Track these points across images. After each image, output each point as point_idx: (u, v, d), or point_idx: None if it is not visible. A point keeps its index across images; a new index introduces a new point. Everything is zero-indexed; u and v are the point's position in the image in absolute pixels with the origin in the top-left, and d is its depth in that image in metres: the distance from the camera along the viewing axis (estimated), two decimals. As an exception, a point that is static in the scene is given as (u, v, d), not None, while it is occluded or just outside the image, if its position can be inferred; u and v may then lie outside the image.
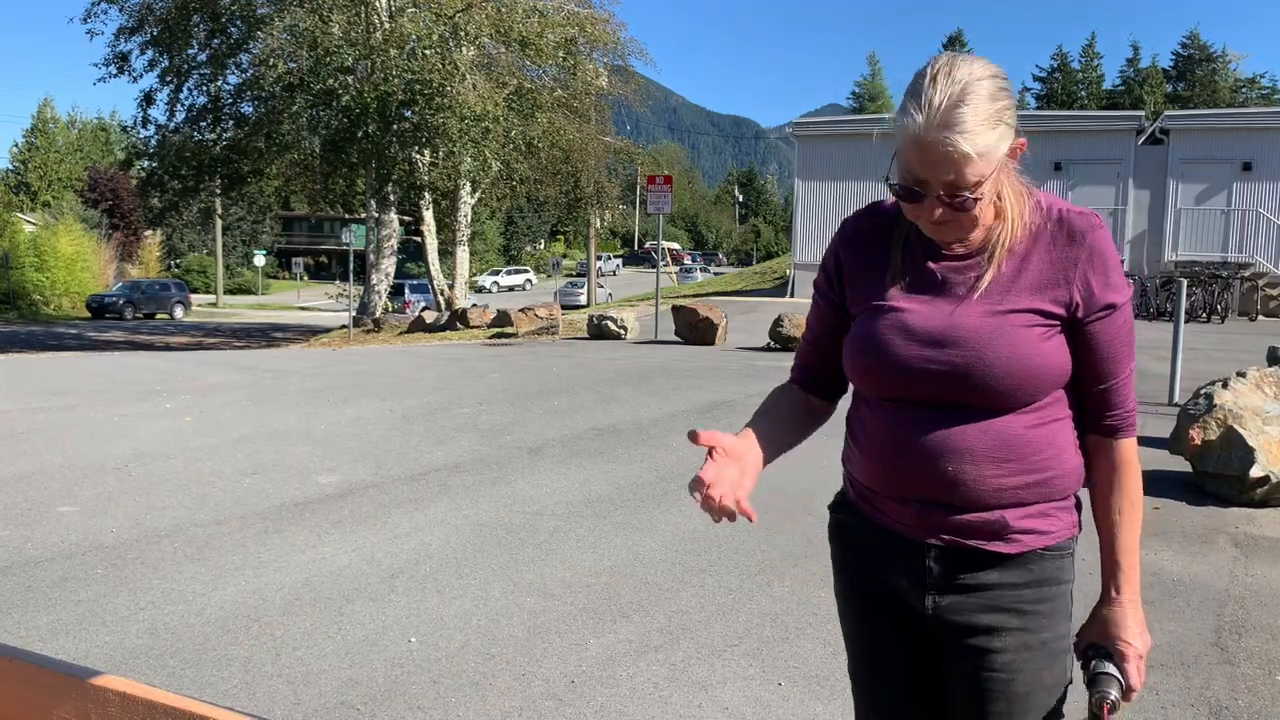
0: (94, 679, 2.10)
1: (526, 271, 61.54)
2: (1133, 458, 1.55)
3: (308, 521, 5.25)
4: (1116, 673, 1.50)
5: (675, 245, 77.76)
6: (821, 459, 6.93)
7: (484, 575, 4.46)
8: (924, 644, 1.61)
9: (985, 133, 1.40)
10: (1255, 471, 5.67)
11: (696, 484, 1.43)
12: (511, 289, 56.41)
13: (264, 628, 3.81)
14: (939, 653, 1.60)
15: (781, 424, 1.72)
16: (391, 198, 25.07)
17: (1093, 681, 1.50)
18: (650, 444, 7.44)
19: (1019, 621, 1.51)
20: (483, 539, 5.00)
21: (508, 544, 4.92)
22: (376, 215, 25.91)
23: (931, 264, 1.53)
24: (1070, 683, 1.56)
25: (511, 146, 23.38)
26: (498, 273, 59.77)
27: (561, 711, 3.17)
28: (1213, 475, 5.89)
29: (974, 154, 1.39)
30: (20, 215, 46.79)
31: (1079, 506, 1.57)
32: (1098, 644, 1.54)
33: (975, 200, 1.42)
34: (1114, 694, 1.47)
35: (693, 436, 1.45)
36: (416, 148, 23.01)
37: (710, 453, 1.47)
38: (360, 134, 21.98)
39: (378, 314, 25.23)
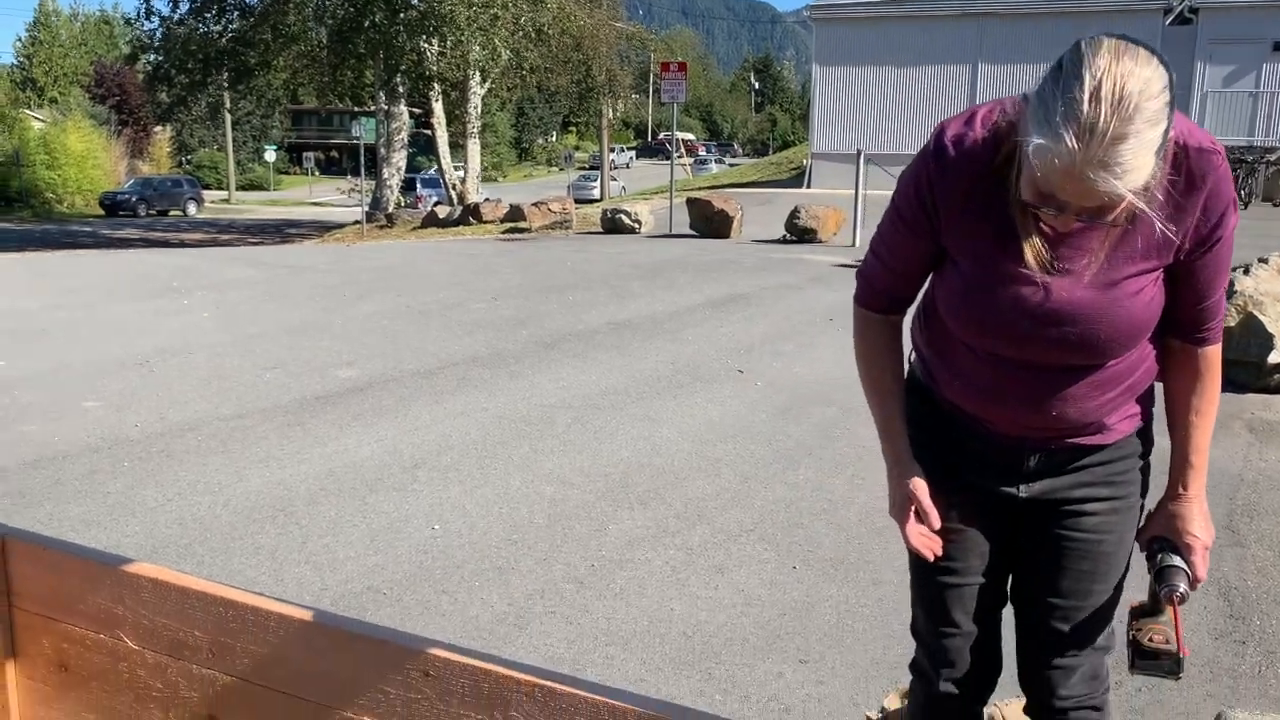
0: (127, 566, 2.16)
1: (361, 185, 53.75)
2: (1217, 363, 1.56)
3: (328, 415, 5.32)
4: (1184, 565, 1.53)
5: (690, 136, 76.50)
6: (836, 351, 6.95)
7: (504, 466, 4.53)
8: (1006, 522, 1.65)
9: (1145, 167, 1.24)
10: (1273, 358, 5.66)
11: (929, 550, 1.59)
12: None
13: (289, 517, 3.90)
14: (1018, 532, 1.65)
15: (901, 390, 1.71)
16: (400, 89, 24.65)
17: (1160, 575, 1.53)
18: (665, 337, 7.46)
19: (1110, 490, 1.59)
20: (502, 431, 5.06)
21: (526, 435, 4.99)
22: (386, 108, 25.51)
23: (1048, 229, 1.41)
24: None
25: (521, 34, 22.86)
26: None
27: (582, 594, 3.26)
28: (1231, 362, 5.87)
29: (1130, 193, 1.25)
30: (28, 112, 46.31)
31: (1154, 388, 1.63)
32: (1163, 537, 1.57)
33: (1114, 218, 1.32)
34: (1183, 586, 1.50)
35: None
36: (424, 36, 22.50)
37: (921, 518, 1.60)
38: (367, 23, 21.52)
39: (390, 209, 25.07)
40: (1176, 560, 1.53)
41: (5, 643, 2.31)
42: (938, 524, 1.59)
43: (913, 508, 1.59)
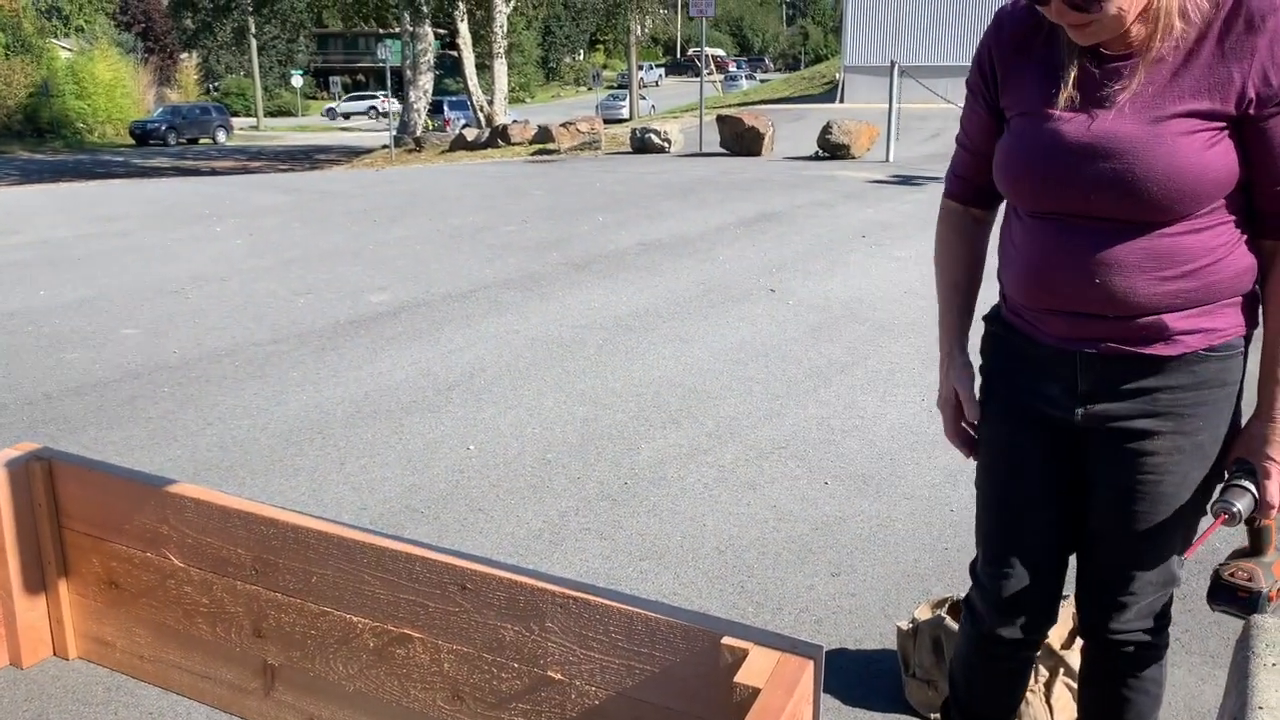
0: (170, 487, 2.21)
1: (374, 98, 52.07)
2: None
3: (362, 339, 5.37)
4: (1252, 488, 1.44)
5: (719, 52, 74.96)
6: (868, 268, 6.88)
7: (536, 387, 4.56)
8: (1066, 454, 1.57)
9: None
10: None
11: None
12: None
13: (327, 439, 3.96)
14: (1081, 463, 1.57)
15: (968, 272, 1.70)
16: (425, 9, 24.28)
17: (1222, 491, 1.45)
18: (696, 257, 7.41)
19: (1174, 424, 1.47)
20: (534, 352, 5.08)
21: (558, 357, 5.01)
22: (411, 29, 25.18)
23: (1093, 67, 1.40)
24: (1219, 483, 1.53)
25: (546, -51, 22.34)
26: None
27: (616, 511, 3.30)
28: None
29: None
30: (55, 41, 46.19)
31: (1254, 304, 1.48)
32: (1244, 459, 1.48)
33: (1098, 3, 1.29)
34: (1238, 506, 1.41)
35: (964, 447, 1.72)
36: (448, -46, 22.08)
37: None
38: (389, -58, 21.10)
39: (418, 133, 24.91)
40: (1245, 481, 1.44)
41: (57, 562, 2.39)
42: (974, 416, 1.64)
43: (954, 404, 1.64)
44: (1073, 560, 1.66)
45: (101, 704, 2.26)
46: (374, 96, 51.37)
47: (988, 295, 1.66)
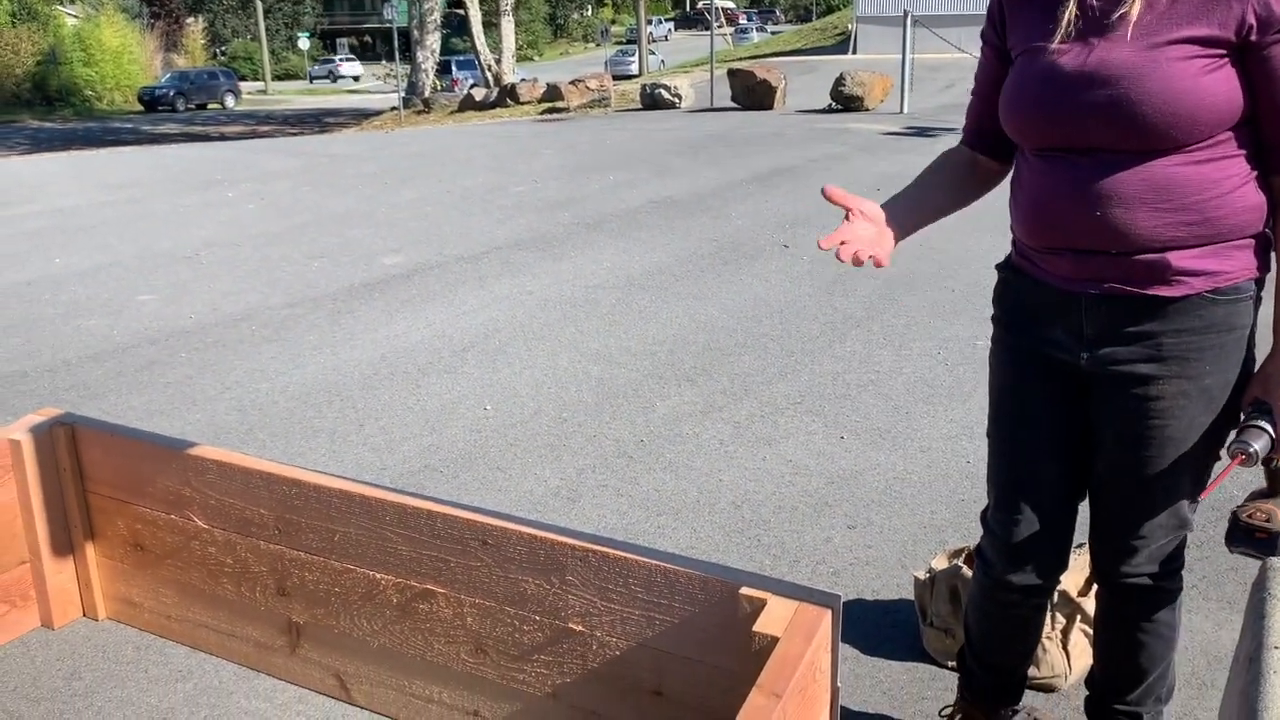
0: (192, 450, 2.24)
1: (353, 59, 53.44)
2: None
3: (377, 301, 5.38)
4: (1270, 428, 1.42)
5: (729, 4, 73.98)
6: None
7: (551, 347, 4.57)
8: (1075, 400, 1.57)
9: None
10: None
11: (830, 239, 1.45)
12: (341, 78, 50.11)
13: (345, 401, 3.98)
14: (1089, 407, 1.56)
15: (936, 189, 1.68)
16: (431, -32, 24.04)
17: (1239, 432, 1.44)
18: (709, 214, 7.38)
19: (1179, 369, 1.45)
20: (548, 313, 5.09)
21: (572, 317, 5.01)
22: (417, -12, 24.96)
23: (1092, 0, 1.41)
24: (1232, 427, 1.50)
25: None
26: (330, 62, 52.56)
27: (632, 468, 3.32)
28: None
29: None
30: (60, 8, 45.96)
31: (1266, 247, 1.46)
32: (1260, 399, 1.46)
33: None
34: (1255, 446, 1.40)
35: (826, 193, 1.48)
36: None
37: (847, 214, 1.51)
38: (393, -101, 20.86)
39: (427, 94, 24.78)
40: (1262, 421, 1.42)
41: (83, 524, 2.42)
42: (855, 209, 1.53)
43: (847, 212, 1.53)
44: (1085, 506, 1.67)
45: (131, 662, 2.31)
46: (331, 61, 53.38)
47: (1000, 249, 1.65)
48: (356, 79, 50.51)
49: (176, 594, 2.34)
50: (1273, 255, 1.47)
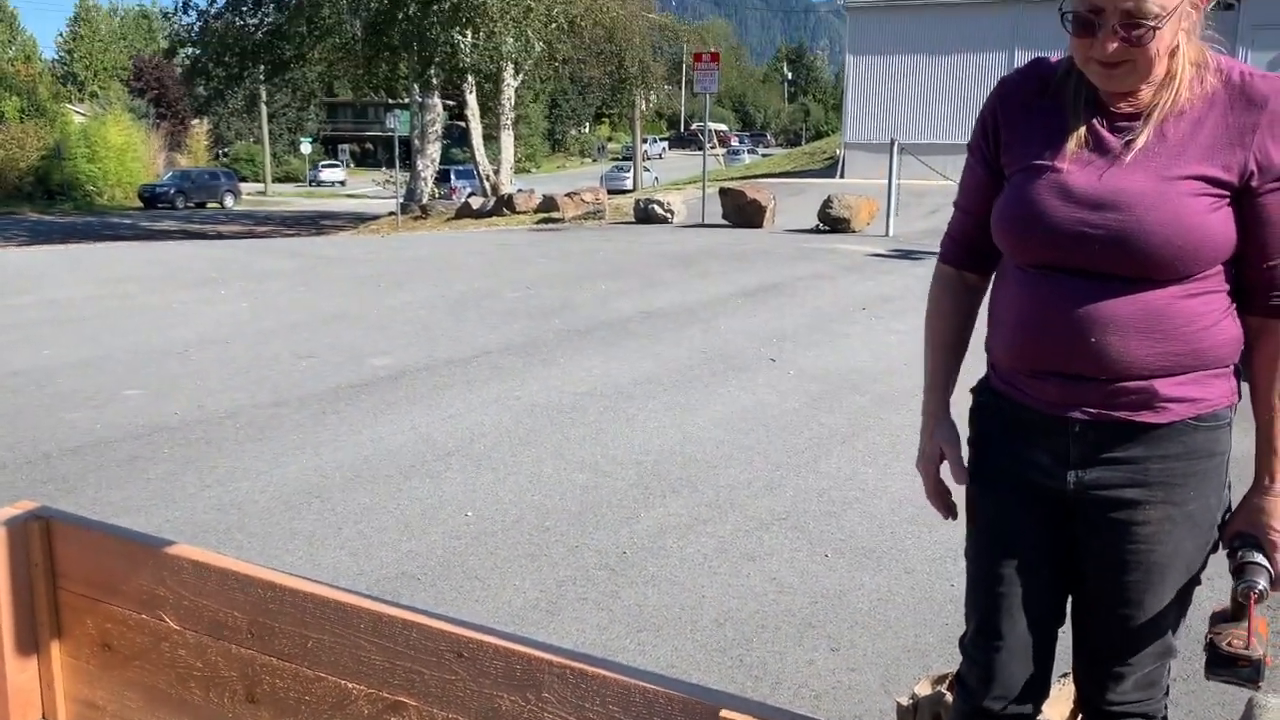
0: (169, 548, 2.20)
1: (339, 165, 55.87)
2: None
3: (364, 403, 5.38)
4: (1266, 562, 1.42)
5: (722, 126, 76.18)
6: (868, 340, 6.92)
7: (536, 453, 4.55)
8: (1058, 525, 1.56)
9: None
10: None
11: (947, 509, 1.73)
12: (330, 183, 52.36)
13: (326, 503, 3.94)
14: (1073, 531, 1.55)
15: (958, 346, 1.72)
16: (434, 81, 24.75)
17: (1239, 571, 1.43)
18: (698, 326, 7.46)
19: (1164, 494, 1.46)
20: (534, 419, 5.09)
21: (558, 423, 5.01)
22: (420, 100, 25.66)
23: (1098, 123, 1.45)
24: (1213, 552, 1.52)
25: (554, 25, 22.89)
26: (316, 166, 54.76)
27: (614, 580, 3.27)
28: None
29: None
30: (69, 106, 47.02)
31: (1238, 374, 1.50)
32: (1246, 533, 1.46)
33: (1154, 31, 1.33)
34: (1262, 583, 1.40)
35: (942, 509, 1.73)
36: (458, 28, 22.58)
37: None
38: (401, 16, 21.62)
39: (424, 200, 25.21)
40: (1258, 557, 1.42)
41: (50, 623, 2.36)
42: (962, 479, 1.63)
43: (938, 464, 1.64)
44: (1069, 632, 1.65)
45: (89, 770, 2.22)
46: (335, 166, 55.58)
47: (975, 367, 1.67)
48: (342, 183, 51.83)
49: (142, 698, 2.27)
50: (1244, 386, 1.50)
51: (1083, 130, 1.45)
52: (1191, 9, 1.38)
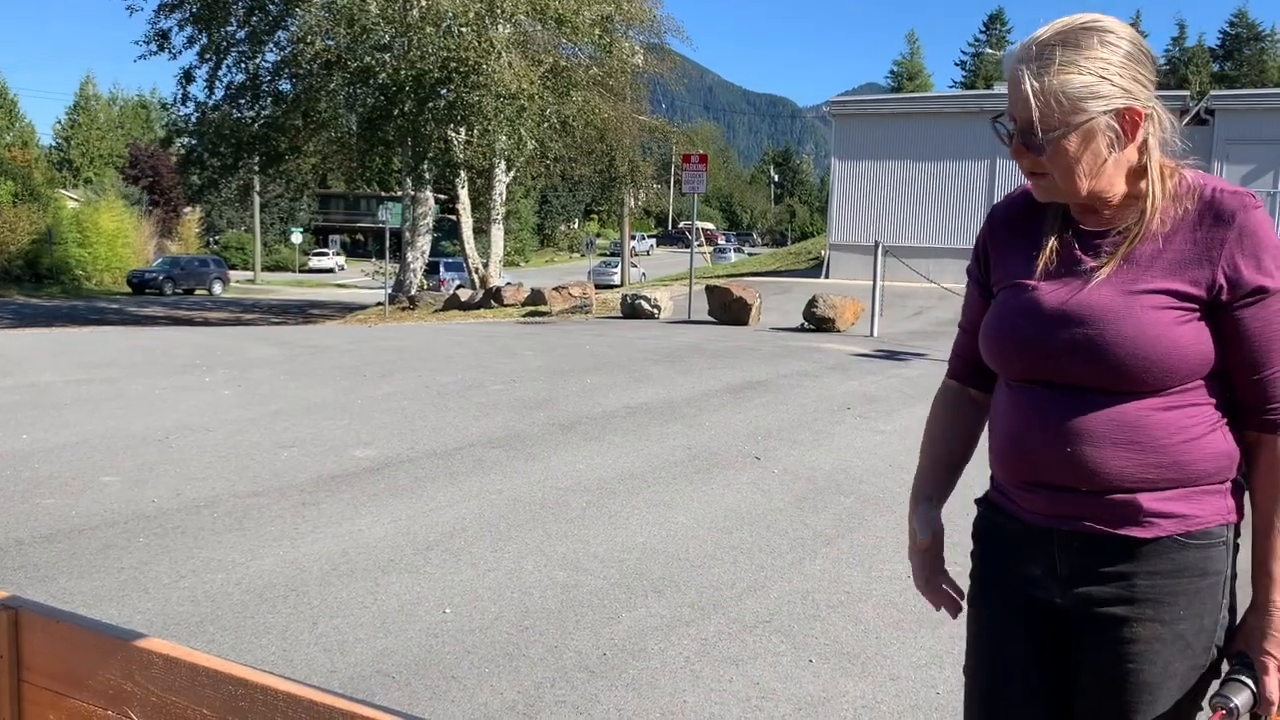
0: (138, 641, 2.15)
1: (328, 254, 56.68)
2: None
3: (344, 494, 5.32)
4: (1250, 682, 1.41)
5: (709, 225, 77.48)
6: (853, 440, 6.92)
7: (517, 549, 4.50)
8: (1055, 641, 1.54)
9: (1071, 77, 1.37)
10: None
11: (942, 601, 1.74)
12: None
13: (301, 597, 3.87)
14: (1069, 647, 1.53)
15: (947, 457, 1.73)
16: (427, 176, 25.16)
17: (1221, 685, 1.42)
18: (682, 422, 7.45)
19: (1153, 611, 1.44)
20: (516, 513, 5.04)
21: (541, 519, 4.96)
22: (412, 193, 26.02)
23: (1071, 241, 1.51)
24: (1213, 676, 1.48)
25: (546, 125, 23.37)
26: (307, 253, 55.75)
27: (593, 683, 3.20)
28: None
29: (1037, 93, 1.37)
30: (63, 191, 47.43)
31: (1239, 492, 1.48)
32: (1242, 652, 1.45)
33: (1053, 144, 1.39)
34: (1235, 701, 1.38)
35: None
36: (452, 125, 23.06)
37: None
38: (396, 112, 22.07)
39: (413, 291, 25.39)
40: (1243, 675, 1.41)
41: (13, 717, 2.29)
42: (919, 587, 1.71)
43: (926, 552, 1.68)
44: None
45: None
46: (324, 254, 56.64)
47: (982, 478, 1.68)
48: (341, 269, 52.55)
49: (100, 800, 2.19)
50: (1246, 502, 1.49)
51: (1056, 248, 1.51)
52: (1110, 130, 1.40)
